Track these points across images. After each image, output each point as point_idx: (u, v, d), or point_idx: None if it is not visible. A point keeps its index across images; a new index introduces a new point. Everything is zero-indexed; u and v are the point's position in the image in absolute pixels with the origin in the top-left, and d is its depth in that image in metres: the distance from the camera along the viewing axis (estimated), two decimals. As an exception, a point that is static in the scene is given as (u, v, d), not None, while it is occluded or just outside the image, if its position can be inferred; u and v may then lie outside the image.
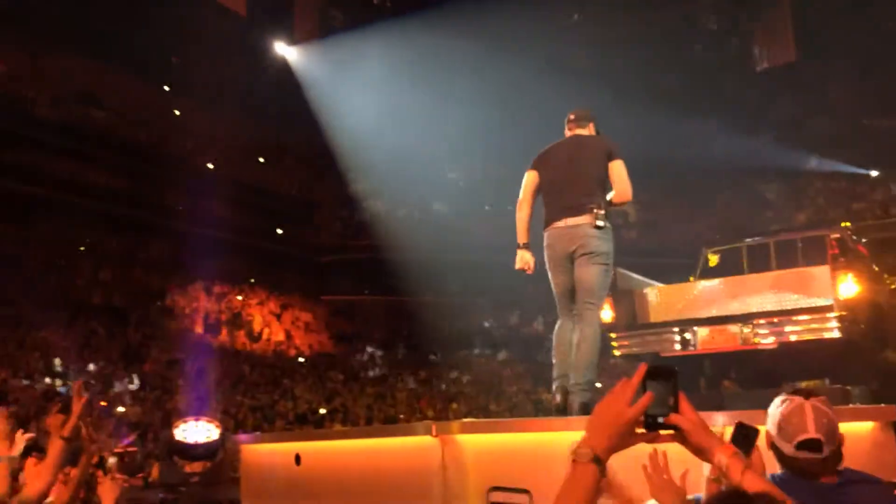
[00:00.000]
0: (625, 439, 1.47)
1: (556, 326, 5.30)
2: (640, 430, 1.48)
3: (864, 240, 7.64)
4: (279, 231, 24.46)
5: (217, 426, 8.65)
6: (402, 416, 18.57)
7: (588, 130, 5.38)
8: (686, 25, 20.25)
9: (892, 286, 7.18)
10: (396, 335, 24.03)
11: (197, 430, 8.41)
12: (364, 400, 19.60)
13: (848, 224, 7.75)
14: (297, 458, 7.33)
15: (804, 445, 2.18)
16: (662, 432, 1.51)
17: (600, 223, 4.81)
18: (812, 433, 2.18)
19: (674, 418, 1.50)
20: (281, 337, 22.15)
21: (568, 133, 5.39)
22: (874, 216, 22.56)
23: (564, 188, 4.97)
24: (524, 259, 5.21)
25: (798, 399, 2.27)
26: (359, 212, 26.14)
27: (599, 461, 1.45)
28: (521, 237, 5.18)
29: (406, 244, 25.07)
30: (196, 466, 8.28)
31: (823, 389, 5.47)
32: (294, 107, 21.38)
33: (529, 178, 5.21)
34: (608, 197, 4.95)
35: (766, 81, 21.35)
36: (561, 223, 4.94)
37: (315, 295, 24.48)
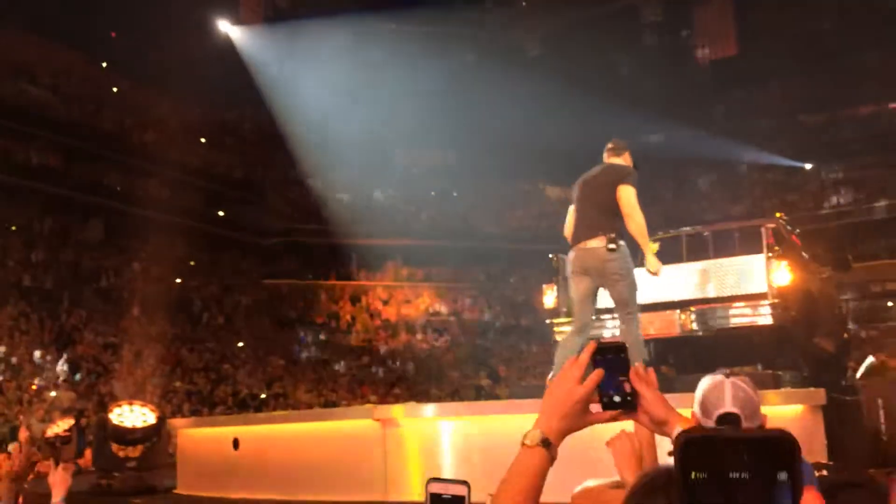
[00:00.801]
0: (578, 419, 1.39)
1: (563, 338, 5.75)
2: (597, 409, 1.40)
3: (797, 230, 7.85)
4: (221, 213, 24.01)
5: (153, 410, 8.47)
6: (343, 401, 18.50)
7: (623, 159, 5.83)
8: (630, 17, 20.50)
9: (823, 275, 7.41)
10: (339, 320, 23.89)
11: (132, 415, 8.22)
12: (305, 385, 19.46)
13: (781, 215, 7.96)
14: (236, 443, 7.25)
15: (723, 420, 2.24)
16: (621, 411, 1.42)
17: (612, 246, 5.32)
18: (728, 407, 2.24)
19: (636, 382, 1.45)
20: (221, 320, 21.80)
21: (605, 157, 5.89)
22: (807, 207, 23.33)
23: (584, 212, 5.55)
24: None
25: (719, 377, 2.34)
26: (304, 195, 25.84)
27: (548, 444, 1.37)
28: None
29: (352, 228, 24.93)
30: (131, 451, 8.09)
31: (755, 374, 5.62)
32: (240, 87, 20.95)
33: (570, 214, 5.75)
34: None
35: (708, 74, 21.77)
36: (581, 245, 5.48)
37: (257, 278, 24.15)
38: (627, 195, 5.35)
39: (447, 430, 6.31)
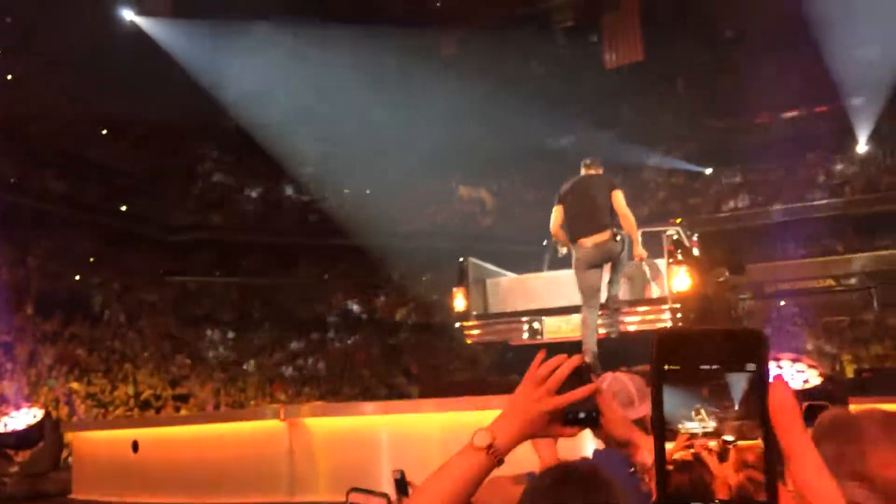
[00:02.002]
0: (541, 428, 1.36)
1: (588, 316, 6.52)
2: (558, 425, 1.37)
3: (696, 235, 8.16)
4: (124, 208, 23.14)
5: (41, 410, 8.09)
6: (252, 401, 18.17)
7: (598, 171, 7.16)
8: (543, 21, 20.84)
9: (720, 278, 7.73)
10: (249, 318, 23.41)
11: (17, 417, 7.84)
12: (212, 385, 19.01)
13: (679, 221, 8.25)
14: (135, 446, 7.02)
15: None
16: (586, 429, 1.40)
17: (618, 238, 6.46)
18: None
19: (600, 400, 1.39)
20: (123, 319, 21.04)
21: (583, 171, 7.20)
22: (708, 210, 24.30)
23: (584, 215, 6.64)
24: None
25: (608, 373, 2.47)
26: (214, 190, 25.20)
27: (495, 451, 1.33)
28: (564, 244, 6.90)
29: (262, 224, 24.49)
30: (18, 455, 7.73)
31: (648, 373, 5.83)
32: (145, 78, 20.15)
33: (557, 212, 6.92)
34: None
35: (616, 79, 22.34)
36: (588, 241, 6.46)
37: (163, 275, 23.41)
38: (621, 199, 6.64)
39: (356, 429, 6.28)
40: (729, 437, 0.94)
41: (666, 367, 0.95)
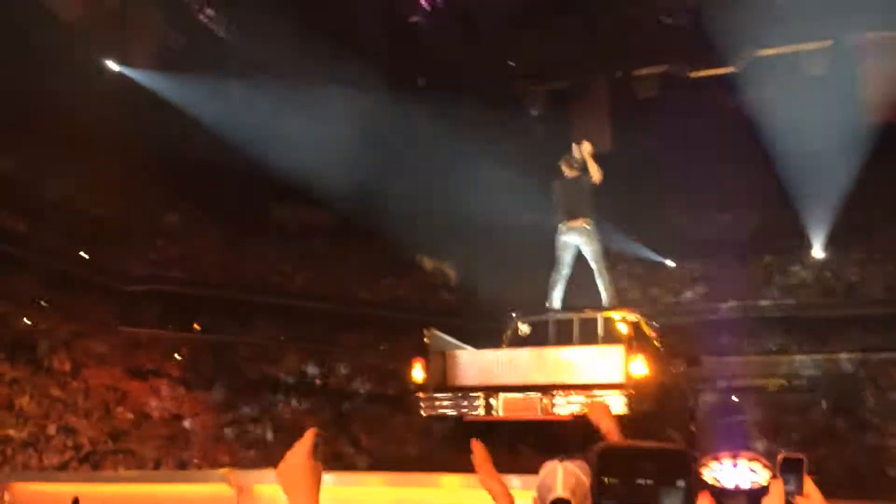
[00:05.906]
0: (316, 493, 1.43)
1: (554, 280, 9.98)
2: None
3: (655, 323, 8.31)
4: (82, 254, 22.68)
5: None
6: (195, 460, 17.65)
7: (576, 173, 10.56)
8: (516, 107, 21.39)
9: (677, 369, 7.84)
10: (199, 375, 22.87)
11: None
12: (155, 441, 18.45)
13: (635, 309, 8.41)
14: (75, 502, 6.76)
15: None
16: None
17: (588, 226, 9.93)
18: (559, 492, 2.36)
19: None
20: (68, 367, 20.41)
21: (566, 172, 10.85)
22: (667, 302, 24.67)
23: (567, 205, 9.93)
24: None
25: (553, 463, 2.45)
26: (173, 243, 24.93)
27: None
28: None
29: (222, 281, 24.21)
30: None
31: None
32: (115, 124, 19.98)
33: (555, 203, 10.28)
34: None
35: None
36: (565, 225, 9.80)
37: (114, 325, 22.84)
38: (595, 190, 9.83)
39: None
40: None
41: (606, 480, 1.05)
